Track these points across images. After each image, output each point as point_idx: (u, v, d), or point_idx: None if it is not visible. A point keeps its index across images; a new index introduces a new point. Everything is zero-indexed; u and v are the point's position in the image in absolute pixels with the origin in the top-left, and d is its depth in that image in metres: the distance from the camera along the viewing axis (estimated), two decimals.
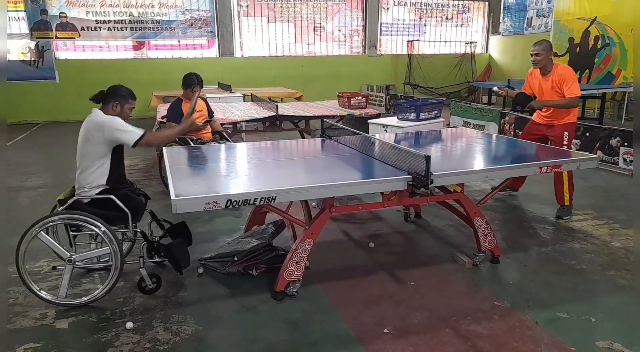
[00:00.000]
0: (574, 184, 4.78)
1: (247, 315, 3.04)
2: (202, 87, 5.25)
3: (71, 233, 3.13)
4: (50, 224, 3.06)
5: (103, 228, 3.01)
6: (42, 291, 3.12)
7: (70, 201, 3.14)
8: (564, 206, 4.74)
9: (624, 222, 4.55)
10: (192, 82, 5.13)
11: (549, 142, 4.68)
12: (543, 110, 4.75)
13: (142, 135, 3.21)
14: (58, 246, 3.12)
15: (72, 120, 11.49)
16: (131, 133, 3.20)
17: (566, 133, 4.66)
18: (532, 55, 4.60)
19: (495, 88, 5.23)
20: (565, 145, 4.62)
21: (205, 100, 5.51)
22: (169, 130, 3.29)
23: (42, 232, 3.02)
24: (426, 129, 5.58)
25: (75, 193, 3.25)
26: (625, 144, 6.49)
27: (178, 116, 5.14)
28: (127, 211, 3.12)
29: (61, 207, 3.15)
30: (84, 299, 3.13)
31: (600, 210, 4.93)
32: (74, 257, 3.08)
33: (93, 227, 3.02)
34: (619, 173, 6.37)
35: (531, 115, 4.82)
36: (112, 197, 3.13)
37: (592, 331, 2.83)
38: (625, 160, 6.48)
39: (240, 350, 2.69)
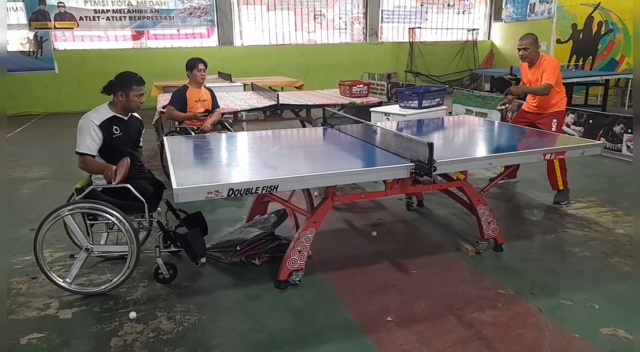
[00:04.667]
0: (567, 168, 4.74)
1: (251, 304, 3.04)
2: (206, 66, 5.28)
3: (88, 222, 3.12)
4: (77, 210, 3.05)
5: (122, 218, 3.01)
6: (58, 278, 3.12)
7: (87, 190, 3.12)
8: (560, 190, 4.74)
9: (627, 209, 4.53)
10: (194, 62, 5.23)
11: None
12: (532, 99, 4.75)
13: (82, 153, 3.16)
14: (80, 231, 3.11)
15: (72, 112, 11.45)
16: (81, 142, 3.17)
17: (554, 120, 4.67)
18: (519, 49, 4.63)
19: (499, 107, 5.01)
20: (554, 131, 4.60)
21: (211, 90, 5.49)
22: (99, 165, 3.23)
23: (69, 215, 3.01)
24: (428, 116, 5.54)
25: (93, 182, 3.24)
26: (629, 130, 6.44)
27: (179, 102, 5.18)
28: (143, 200, 3.11)
29: (78, 196, 3.14)
30: (102, 287, 3.14)
31: (604, 197, 4.91)
32: (92, 246, 3.09)
33: (111, 217, 3.01)
34: (622, 160, 6.33)
35: (506, 96, 4.78)
36: (129, 186, 3.11)
37: (596, 318, 2.82)
38: (628, 147, 6.44)
39: (244, 339, 2.69)
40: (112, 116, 3.26)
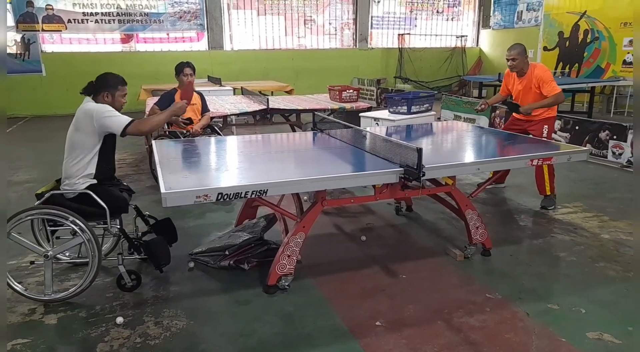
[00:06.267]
0: (555, 175, 4.81)
1: (239, 309, 3.02)
2: (194, 71, 5.25)
3: (49, 228, 3.06)
4: (27, 218, 2.98)
5: (79, 223, 2.95)
6: (17, 285, 3.07)
7: (46, 195, 3.04)
8: (547, 196, 4.79)
9: (613, 215, 4.59)
10: (181, 67, 5.19)
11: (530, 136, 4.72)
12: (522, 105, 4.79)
13: (131, 121, 3.12)
14: (29, 243, 3.05)
15: (60, 114, 11.35)
16: (120, 118, 3.11)
17: (545, 126, 4.72)
18: (508, 60, 4.66)
19: (477, 108, 5.26)
20: (544, 138, 4.66)
21: (201, 94, 5.47)
22: (157, 115, 3.21)
23: (13, 233, 2.94)
24: (417, 122, 5.57)
25: (62, 184, 3.18)
26: (614, 137, 6.54)
27: (166, 104, 5.14)
28: (104, 206, 3.05)
29: (37, 202, 3.07)
30: (61, 295, 3.07)
31: (590, 202, 4.97)
32: (49, 252, 3.02)
33: (68, 222, 2.96)
34: (608, 166, 6.42)
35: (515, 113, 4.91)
36: (90, 192, 3.06)
37: (583, 322, 2.85)
38: (614, 153, 6.54)
39: (233, 344, 2.67)
40: None
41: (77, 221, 2.96)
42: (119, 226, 3.24)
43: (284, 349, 2.62)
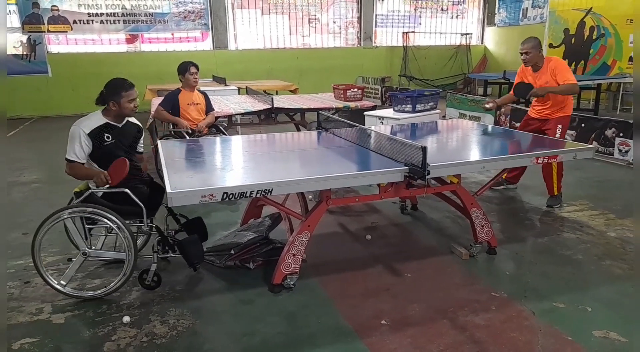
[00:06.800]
0: (564, 174, 4.78)
1: (244, 308, 3.03)
2: (198, 69, 5.28)
3: (86, 226, 3.11)
4: (77, 214, 3.04)
5: (120, 224, 3.00)
6: (54, 281, 3.11)
7: (86, 194, 3.11)
8: (554, 195, 4.77)
9: (619, 213, 4.56)
10: (186, 66, 5.23)
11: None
12: (538, 104, 4.75)
13: (71, 160, 3.17)
14: (80, 235, 3.10)
15: (65, 115, 11.40)
16: (70, 149, 3.16)
17: (559, 126, 4.66)
18: (521, 53, 4.59)
19: (486, 105, 5.21)
20: (558, 137, 4.62)
21: (205, 94, 5.49)
22: (88, 170, 3.24)
23: (70, 219, 3.02)
24: (422, 120, 5.56)
25: (90, 186, 3.24)
26: (621, 134, 6.50)
27: (170, 105, 5.19)
28: (141, 205, 3.10)
29: (77, 200, 3.13)
30: (99, 292, 3.14)
31: (596, 200, 4.94)
32: (88, 251, 3.09)
33: (109, 222, 3.01)
34: (614, 164, 6.39)
35: (528, 105, 4.80)
36: (127, 191, 3.10)
37: (589, 321, 2.84)
38: (620, 150, 6.50)
39: (237, 343, 2.68)
40: (104, 124, 3.25)
41: (116, 220, 3.01)
42: (154, 225, 3.28)
43: (287, 349, 2.63)
